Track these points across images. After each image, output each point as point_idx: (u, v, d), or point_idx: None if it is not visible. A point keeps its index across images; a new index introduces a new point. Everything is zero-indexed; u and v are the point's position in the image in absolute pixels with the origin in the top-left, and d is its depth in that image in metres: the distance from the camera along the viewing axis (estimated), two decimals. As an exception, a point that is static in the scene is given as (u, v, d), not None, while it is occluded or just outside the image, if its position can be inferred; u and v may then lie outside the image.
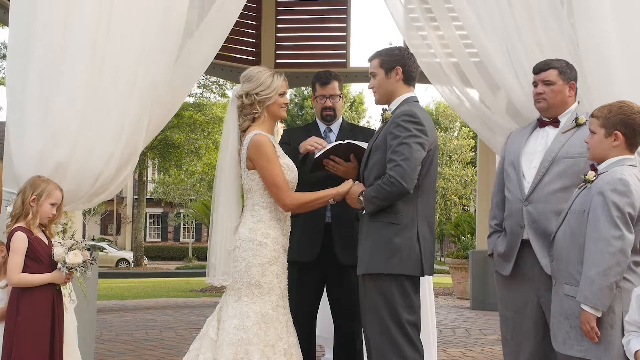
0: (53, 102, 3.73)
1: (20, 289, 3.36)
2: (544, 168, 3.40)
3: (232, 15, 4.25)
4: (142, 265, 29.67)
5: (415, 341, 3.42)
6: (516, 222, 3.44)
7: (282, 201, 3.46)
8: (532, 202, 3.39)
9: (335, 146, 3.76)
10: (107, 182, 3.89)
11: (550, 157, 3.40)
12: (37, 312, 3.35)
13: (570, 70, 3.49)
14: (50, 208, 3.45)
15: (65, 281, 3.45)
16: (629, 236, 2.91)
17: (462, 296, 11.99)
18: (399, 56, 3.59)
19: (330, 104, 4.26)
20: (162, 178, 35.77)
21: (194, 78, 4.36)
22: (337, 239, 4.07)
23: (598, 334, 2.91)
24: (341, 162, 3.76)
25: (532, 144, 3.53)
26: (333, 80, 4.27)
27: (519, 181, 3.47)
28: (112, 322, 8.58)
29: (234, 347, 3.30)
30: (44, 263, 3.39)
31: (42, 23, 3.76)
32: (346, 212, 3.89)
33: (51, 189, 3.45)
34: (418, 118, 3.41)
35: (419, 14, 4.50)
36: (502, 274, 3.54)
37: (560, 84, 3.46)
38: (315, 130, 4.31)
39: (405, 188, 3.33)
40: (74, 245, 3.39)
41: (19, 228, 3.38)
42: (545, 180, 3.39)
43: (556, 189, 3.36)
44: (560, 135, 3.44)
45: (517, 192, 3.47)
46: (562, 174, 3.36)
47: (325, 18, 10.07)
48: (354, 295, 4.00)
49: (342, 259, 4.04)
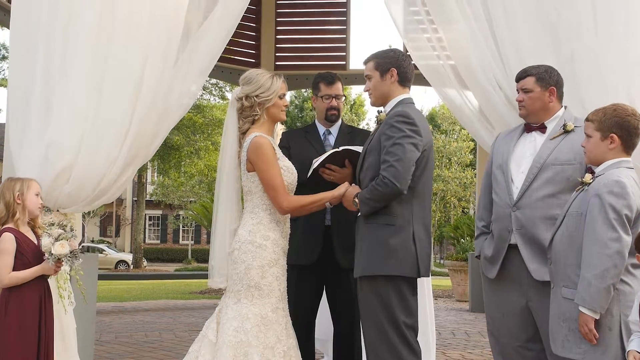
0: (55, 105, 3.74)
1: (9, 290, 3.38)
2: (533, 174, 3.41)
3: (234, 19, 4.25)
4: (141, 267, 29.66)
5: (413, 343, 3.42)
6: (504, 227, 3.45)
7: (278, 204, 3.46)
8: (521, 207, 3.41)
9: (332, 154, 3.77)
10: (109, 185, 3.89)
11: (539, 163, 3.41)
12: (24, 313, 3.37)
13: (549, 76, 3.49)
14: (37, 198, 3.53)
15: (55, 271, 3.46)
16: (626, 238, 2.92)
17: (462, 298, 11.99)
18: (394, 58, 3.59)
19: (336, 104, 4.27)
20: (161, 180, 35.77)
21: (199, 80, 4.33)
22: (337, 242, 4.07)
23: (596, 336, 2.92)
24: (337, 170, 3.78)
25: (521, 149, 3.54)
26: (337, 80, 4.30)
27: (508, 186, 3.48)
28: (111, 324, 8.57)
29: (233, 350, 3.30)
30: (32, 263, 3.41)
31: (43, 25, 3.77)
32: (346, 215, 3.90)
33: (28, 181, 3.53)
34: (412, 119, 3.42)
35: (419, 17, 4.51)
36: (487, 276, 3.56)
37: (538, 90, 3.47)
38: (314, 133, 4.32)
39: (398, 189, 3.33)
40: (60, 236, 3.40)
41: (6, 229, 3.42)
42: (533, 187, 3.40)
43: (544, 195, 3.37)
44: (549, 141, 3.46)
45: (505, 196, 3.47)
46: (550, 181, 3.38)
47: (325, 20, 10.08)
48: (353, 298, 4.01)
49: (341, 262, 4.04)
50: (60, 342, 3.70)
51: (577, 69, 3.84)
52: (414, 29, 4.57)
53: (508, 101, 4.10)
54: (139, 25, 3.88)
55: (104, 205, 4.20)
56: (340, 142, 4.17)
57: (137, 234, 30.47)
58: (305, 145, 4.15)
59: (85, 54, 3.77)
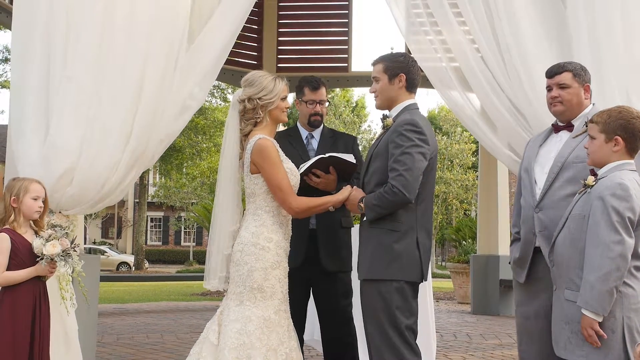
0: (56, 107, 3.74)
1: (3, 290, 3.39)
2: (554, 174, 3.38)
3: (237, 21, 4.24)
4: (143, 268, 29.68)
5: (414, 345, 3.44)
6: (529, 229, 3.43)
7: (288, 205, 3.46)
8: (543, 208, 3.38)
9: (318, 160, 3.79)
10: (113, 188, 3.89)
11: (560, 162, 3.37)
12: (16, 314, 3.37)
13: (584, 72, 3.47)
14: (34, 202, 3.47)
15: (50, 272, 3.44)
16: (629, 241, 2.90)
17: (463, 301, 11.98)
18: (404, 63, 3.59)
19: (320, 109, 4.26)
20: (163, 182, 35.79)
21: (203, 84, 4.31)
22: (322, 246, 4.08)
23: (604, 336, 2.90)
24: (322, 175, 3.79)
25: (546, 150, 3.51)
26: (322, 85, 4.28)
27: (531, 187, 3.46)
28: (113, 325, 8.57)
29: (235, 352, 3.29)
30: (27, 265, 3.41)
31: (45, 27, 3.77)
32: (330, 218, 3.92)
33: (27, 184, 3.47)
34: (420, 127, 3.42)
35: (421, 19, 4.52)
36: (518, 281, 3.54)
37: (576, 86, 3.44)
38: (297, 136, 4.32)
39: (407, 198, 3.34)
40: (51, 236, 3.40)
41: (3, 230, 3.42)
42: (555, 186, 3.37)
43: (566, 194, 3.32)
44: (571, 140, 3.42)
45: (529, 198, 3.45)
46: (572, 180, 3.33)
47: (326, 22, 10.10)
48: (340, 300, 4.06)
49: (326, 265, 4.06)
50: (63, 344, 3.70)
51: None
52: (416, 31, 4.58)
53: (510, 103, 4.11)
54: (140, 27, 3.87)
55: (105, 207, 4.18)
56: (323, 146, 4.19)
57: (138, 235, 30.50)
58: (289, 149, 4.10)
59: (86, 57, 3.77)
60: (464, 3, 4.22)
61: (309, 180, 3.80)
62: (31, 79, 3.77)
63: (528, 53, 3.96)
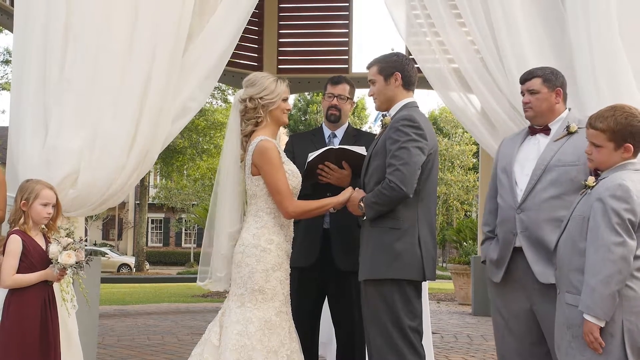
0: (56, 109, 3.74)
1: (11, 293, 3.38)
2: (537, 176, 3.40)
3: (239, 23, 4.24)
4: (143, 270, 29.65)
5: (417, 347, 3.43)
6: (509, 230, 3.44)
7: (284, 208, 3.46)
8: (525, 210, 3.39)
9: (326, 151, 3.76)
10: (117, 191, 3.90)
11: (543, 165, 3.40)
12: (24, 316, 3.35)
13: (555, 77, 3.49)
14: (43, 209, 3.43)
15: (58, 279, 3.44)
16: (631, 243, 2.84)
17: (464, 302, 11.97)
18: (397, 62, 3.60)
19: (336, 103, 4.25)
20: (164, 183, 35.78)
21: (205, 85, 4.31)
22: (336, 245, 4.06)
23: (602, 344, 2.83)
24: (335, 169, 3.77)
25: (525, 152, 3.53)
26: (344, 82, 4.31)
27: (512, 189, 3.47)
28: (113, 327, 8.57)
29: (236, 353, 3.29)
30: (37, 267, 3.40)
31: (46, 29, 3.77)
32: (345, 218, 3.90)
33: (39, 189, 3.42)
34: (417, 122, 3.42)
35: (420, 20, 4.52)
36: (493, 280, 3.55)
37: (545, 92, 3.46)
38: (320, 136, 4.32)
39: (405, 192, 3.33)
40: (69, 245, 3.38)
41: (14, 231, 3.41)
42: (537, 188, 3.38)
43: (549, 196, 3.35)
44: (552, 143, 3.44)
45: (509, 199, 3.46)
46: (554, 182, 3.36)
47: (327, 24, 10.10)
48: (353, 300, 4.01)
49: (340, 265, 4.03)
50: (64, 346, 3.70)
51: (578, 73, 3.84)
52: (416, 32, 4.58)
53: (510, 104, 4.11)
54: (142, 29, 3.87)
55: (107, 208, 4.18)
56: (345, 145, 4.17)
57: (139, 237, 30.48)
58: (310, 149, 4.15)
59: (86, 59, 3.77)
60: (463, 5, 4.22)
61: (324, 177, 3.79)
62: (31, 81, 3.78)
63: (527, 54, 3.97)
